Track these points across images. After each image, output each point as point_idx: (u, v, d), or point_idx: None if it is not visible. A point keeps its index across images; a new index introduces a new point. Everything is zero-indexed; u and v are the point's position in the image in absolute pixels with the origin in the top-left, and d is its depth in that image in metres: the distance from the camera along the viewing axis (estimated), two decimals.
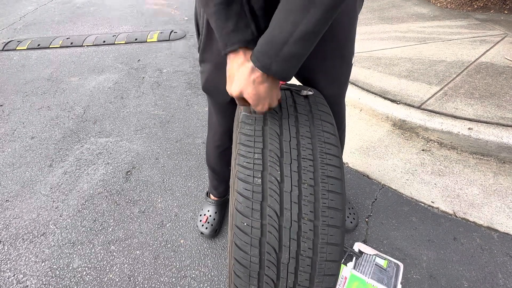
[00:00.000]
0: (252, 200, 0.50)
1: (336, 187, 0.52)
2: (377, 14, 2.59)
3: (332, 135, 0.57)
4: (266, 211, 0.49)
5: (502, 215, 1.14)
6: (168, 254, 1.08)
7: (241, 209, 0.50)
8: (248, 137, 0.54)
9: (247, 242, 0.49)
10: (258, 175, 0.51)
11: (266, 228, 0.49)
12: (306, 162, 0.52)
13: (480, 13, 2.44)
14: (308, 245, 0.49)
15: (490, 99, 1.50)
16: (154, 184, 1.35)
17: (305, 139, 0.55)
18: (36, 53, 2.55)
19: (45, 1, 3.77)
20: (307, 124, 0.57)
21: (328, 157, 0.54)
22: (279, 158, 0.52)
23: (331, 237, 0.50)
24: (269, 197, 0.50)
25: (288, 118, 0.57)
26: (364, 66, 1.88)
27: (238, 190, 0.50)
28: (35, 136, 1.67)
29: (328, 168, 0.53)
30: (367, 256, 1.02)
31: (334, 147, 0.55)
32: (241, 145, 0.54)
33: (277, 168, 0.51)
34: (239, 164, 0.52)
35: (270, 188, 0.50)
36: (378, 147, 1.46)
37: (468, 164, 1.34)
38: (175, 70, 2.23)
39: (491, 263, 1.01)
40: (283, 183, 0.51)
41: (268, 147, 0.53)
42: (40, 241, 1.14)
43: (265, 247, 0.49)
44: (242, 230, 0.49)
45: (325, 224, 0.50)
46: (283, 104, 0.60)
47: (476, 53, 1.89)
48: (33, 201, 1.30)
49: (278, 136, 0.55)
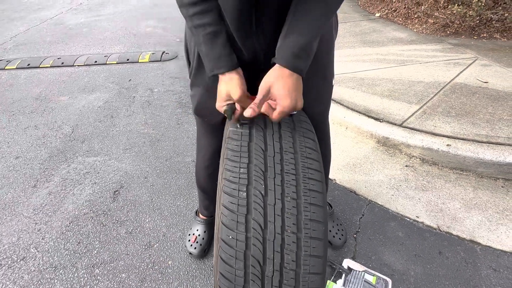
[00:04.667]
0: (237, 213, 0.51)
1: (317, 200, 0.53)
2: (359, 38, 2.75)
3: (314, 151, 0.59)
4: (250, 224, 0.50)
5: (483, 228, 1.18)
6: (155, 277, 1.05)
7: (227, 222, 0.51)
8: (234, 152, 0.56)
9: (232, 255, 0.49)
10: (243, 189, 0.52)
11: (250, 241, 0.50)
12: (289, 176, 0.54)
13: (452, 38, 2.64)
14: (292, 257, 0.50)
15: (466, 117, 1.60)
16: (142, 203, 1.33)
17: (288, 154, 0.57)
18: (26, 73, 2.55)
19: (37, 22, 3.82)
20: (291, 140, 0.59)
21: (310, 171, 0.56)
22: (263, 172, 0.54)
23: (313, 249, 0.51)
24: (253, 210, 0.51)
25: (273, 134, 0.60)
26: (348, 86, 1.98)
27: (224, 203, 0.52)
28: (20, 156, 1.63)
29: (310, 182, 0.55)
30: (356, 273, 1.03)
31: (316, 162, 0.57)
32: (227, 160, 0.56)
33: (261, 182, 0.53)
34: (225, 178, 0.54)
35: (255, 201, 0.51)
36: (364, 164, 1.50)
37: (449, 179, 1.40)
38: (166, 90, 2.27)
39: (476, 277, 1.03)
40: (267, 196, 0.52)
41: (253, 162, 0.55)
42: (19, 266, 1.09)
43: (250, 260, 0.49)
44: (227, 243, 0.50)
45: (308, 237, 0.51)
46: (268, 121, 0.63)
47: (451, 75, 2.02)
48: (14, 224, 1.25)
49: (263, 151, 0.57)
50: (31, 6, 4.57)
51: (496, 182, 1.37)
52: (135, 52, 2.88)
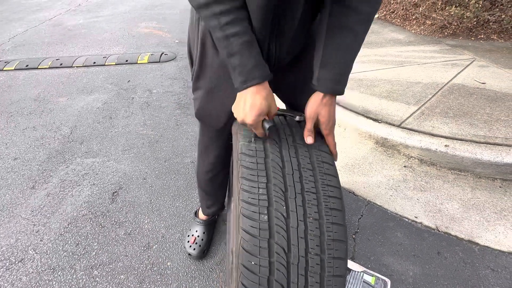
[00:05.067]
0: (259, 238, 0.48)
1: (339, 219, 0.52)
2: None
3: (331, 166, 0.57)
4: (273, 249, 0.48)
5: (481, 228, 1.19)
6: (154, 278, 1.05)
7: (248, 247, 0.48)
8: (250, 170, 0.53)
9: (255, 281, 0.47)
10: (264, 212, 0.50)
11: (274, 266, 0.48)
12: (310, 195, 0.52)
13: (450, 39, 2.65)
14: (316, 279, 0.48)
15: (463, 117, 1.61)
16: (141, 204, 1.33)
17: (307, 172, 0.55)
18: (24, 74, 2.54)
19: (35, 23, 3.82)
20: (307, 155, 0.57)
21: (330, 189, 0.54)
22: (283, 192, 0.52)
23: (336, 269, 0.49)
24: (276, 234, 0.49)
25: (288, 149, 0.57)
26: (347, 87, 1.97)
27: (244, 228, 0.49)
28: (18, 157, 1.63)
29: (330, 200, 0.53)
30: (355, 273, 1.03)
31: (334, 178, 0.56)
32: (244, 180, 0.53)
33: (282, 204, 0.51)
34: (243, 200, 0.51)
35: (277, 224, 0.49)
36: (362, 164, 1.51)
37: (447, 180, 1.40)
38: (165, 91, 2.27)
39: (474, 277, 1.04)
40: (289, 218, 0.50)
41: (272, 181, 0.53)
42: (17, 268, 1.09)
43: (273, 285, 0.48)
44: (250, 269, 0.48)
45: (331, 257, 0.50)
46: (281, 135, 0.61)
47: (449, 76, 2.03)
48: (12, 225, 1.25)
49: (281, 169, 0.54)
50: (29, 7, 4.57)
51: (494, 182, 1.38)
52: (134, 53, 2.88)
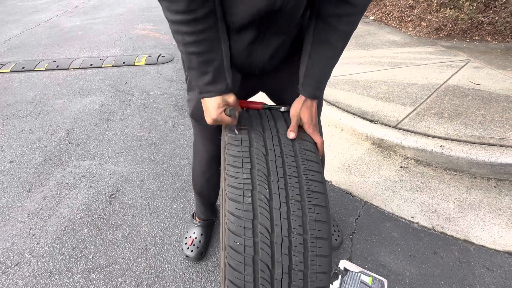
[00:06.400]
0: (243, 219, 0.51)
1: (321, 201, 0.54)
2: (354, 41, 2.78)
3: (313, 153, 0.60)
4: (257, 229, 0.51)
5: (476, 228, 1.20)
6: (152, 280, 1.05)
7: (233, 228, 0.50)
8: (236, 158, 0.57)
9: (241, 261, 0.49)
10: (248, 194, 0.53)
11: (258, 246, 0.50)
12: (292, 179, 0.55)
13: (445, 40, 2.68)
14: (300, 258, 0.50)
15: (458, 118, 1.62)
16: (138, 207, 1.33)
17: (289, 158, 0.58)
18: (20, 76, 2.53)
19: (31, 25, 3.80)
20: (290, 144, 0.61)
21: (311, 173, 0.57)
22: (266, 176, 0.55)
23: (319, 249, 0.51)
24: (259, 215, 0.51)
25: (272, 138, 0.61)
26: (343, 88, 2.00)
27: (229, 210, 0.52)
28: (14, 160, 1.62)
29: (312, 183, 0.56)
30: (352, 274, 1.03)
31: (315, 164, 0.59)
32: (229, 166, 0.56)
33: (265, 187, 0.54)
34: (229, 185, 0.54)
35: (260, 206, 0.52)
36: (359, 165, 1.52)
37: (443, 180, 1.42)
38: (162, 93, 2.26)
39: (470, 276, 1.05)
40: (272, 200, 0.53)
41: (256, 167, 0.56)
42: (13, 272, 1.08)
43: (259, 264, 0.49)
44: (235, 249, 0.50)
45: (314, 237, 0.52)
46: (265, 125, 0.64)
47: (444, 77, 2.06)
48: (8, 229, 1.24)
49: (264, 156, 0.57)
50: (25, 9, 4.55)
51: (489, 182, 1.39)
52: (131, 55, 2.88)
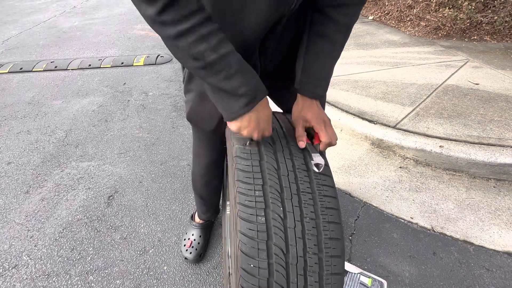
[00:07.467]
0: (257, 240, 0.49)
1: (335, 218, 0.53)
2: (353, 41, 2.78)
3: (326, 166, 0.58)
4: (272, 250, 0.48)
5: (476, 228, 1.20)
6: (151, 283, 1.04)
7: (247, 250, 0.48)
8: (246, 173, 0.53)
9: (255, 284, 0.47)
10: (261, 213, 0.50)
11: (273, 267, 0.48)
12: (305, 195, 0.53)
13: (444, 40, 2.68)
14: (315, 278, 0.49)
15: (458, 118, 1.62)
16: (137, 208, 1.32)
17: (301, 172, 0.55)
18: (18, 77, 2.52)
19: (30, 26, 3.79)
20: (301, 157, 0.57)
21: (325, 188, 0.54)
22: (279, 194, 0.52)
23: (334, 267, 0.50)
24: (274, 235, 0.49)
25: (283, 150, 0.58)
26: (343, 88, 1.99)
27: (242, 230, 0.49)
28: (12, 161, 1.61)
29: (326, 199, 0.53)
30: (352, 275, 1.03)
31: (328, 178, 0.56)
32: (240, 182, 0.53)
33: (279, 205, 0.51)
34: (240, 203, 0.51)
35: (275, 225, 0.49)
36: (358, 166, 1.51)
37: (442, 180, 1.41)
38: (161, 93, 2.26)
39: (469, 277, 1.04)
40: (286, 219, 0.50)
41: (268, 183, 0.53)
42: (11, 275, 1.07)
43: (273, 286, 0.48)
44: (249, 272, 0.48)
45: (329, 255, 0.50)
46: (275, 137, 0.61)
47: (443, 77, 2.05)
48: (6, 231, 1.23)
49: (276, 170, 0.54)
50: (23, 9, 4.53)
51: (488, 182, 1.39)
52: (130, 56, 2.87)
